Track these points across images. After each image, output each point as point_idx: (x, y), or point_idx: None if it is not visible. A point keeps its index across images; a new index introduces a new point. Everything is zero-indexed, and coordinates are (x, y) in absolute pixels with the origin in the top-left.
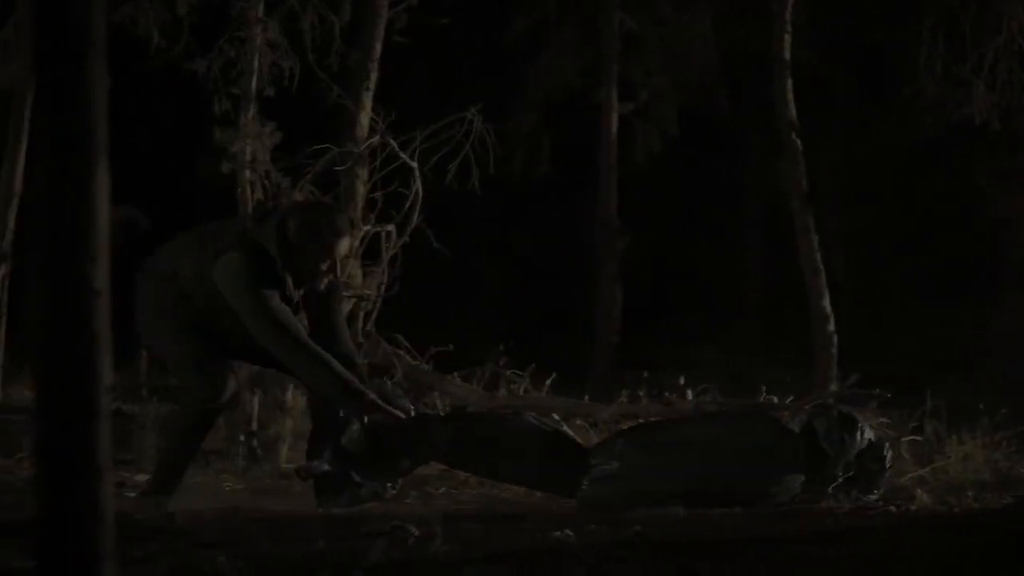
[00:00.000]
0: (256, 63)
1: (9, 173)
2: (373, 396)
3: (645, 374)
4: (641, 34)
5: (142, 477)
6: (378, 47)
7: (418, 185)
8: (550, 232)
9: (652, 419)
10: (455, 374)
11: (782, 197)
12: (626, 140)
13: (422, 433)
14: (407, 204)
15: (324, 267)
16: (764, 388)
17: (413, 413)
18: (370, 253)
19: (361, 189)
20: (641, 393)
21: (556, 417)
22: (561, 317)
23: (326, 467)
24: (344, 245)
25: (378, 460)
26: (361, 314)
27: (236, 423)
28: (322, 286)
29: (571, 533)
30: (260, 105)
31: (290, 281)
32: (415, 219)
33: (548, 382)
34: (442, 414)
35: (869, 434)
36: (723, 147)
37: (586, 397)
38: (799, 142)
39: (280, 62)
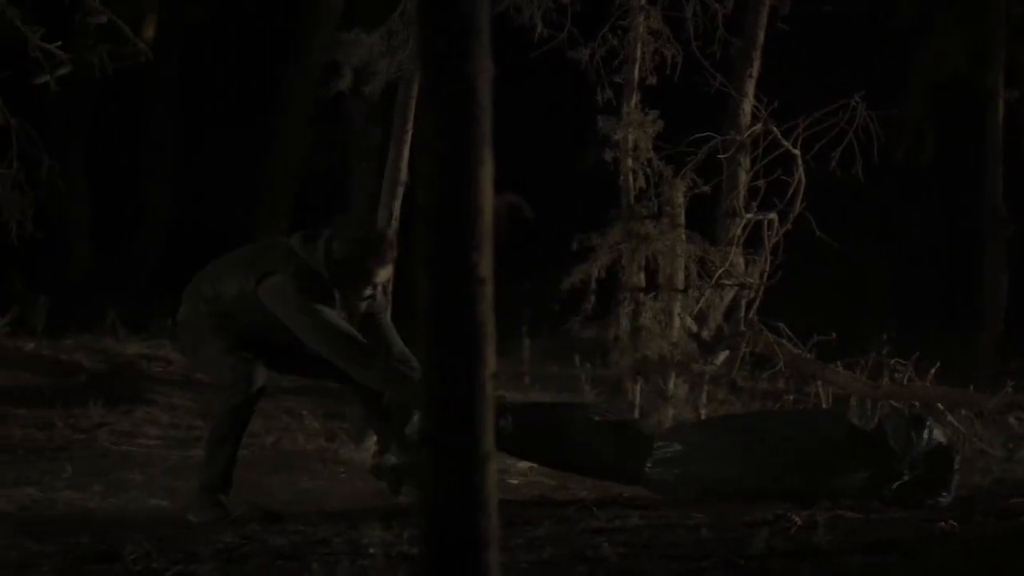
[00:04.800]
0: (639, 51)
1: (395, 162)
2: None
3: None
4: None
5: (524, 464)
6: (761, 35)
7: (801, 172)
8: (935, 219)
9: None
10: (838, 363)
11: None
12: (1014, 127)
13: None
14: (789, 192)
15: (367, 291)
16: None
17: None
18: (752, 241)
19: (743, 177)
20: None
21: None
22: (946, 305)
23: (393, 460)
24: (385, 273)
25: None
26: (743, 303)
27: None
28: (363, 307)
29: (956, 524)
30: (642, 93)
31: (338, 297)
32: (798, 207)
33: (932, 371)
34: (504, 404)
35: (938, 436)
36: None
37: (971, 387)
38: None
39: (662, 50)
